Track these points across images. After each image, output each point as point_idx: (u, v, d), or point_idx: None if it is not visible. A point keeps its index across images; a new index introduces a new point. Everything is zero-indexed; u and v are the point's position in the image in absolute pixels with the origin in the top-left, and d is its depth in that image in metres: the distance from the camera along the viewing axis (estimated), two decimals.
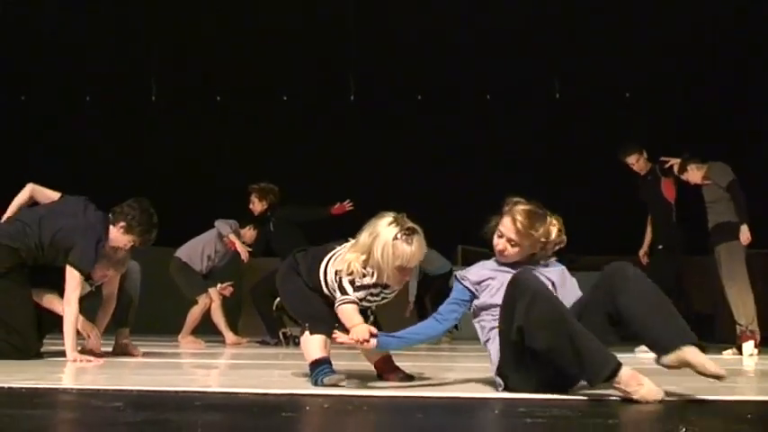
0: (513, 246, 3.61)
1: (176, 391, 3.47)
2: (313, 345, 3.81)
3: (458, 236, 9.52)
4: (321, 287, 3.93)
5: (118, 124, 10.76)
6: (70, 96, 10.70)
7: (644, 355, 7.11)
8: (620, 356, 3.11)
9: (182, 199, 9.50)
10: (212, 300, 8.06)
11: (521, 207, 3.61)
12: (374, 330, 3.59)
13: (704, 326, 7.32)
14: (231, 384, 3.97)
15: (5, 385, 3.50)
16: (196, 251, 8.06)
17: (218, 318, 8.08)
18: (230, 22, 10.46)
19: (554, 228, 3.61)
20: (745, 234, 7.04)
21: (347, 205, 7.93)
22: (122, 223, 5.24)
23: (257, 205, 8.15)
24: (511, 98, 10.26)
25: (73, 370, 4.62)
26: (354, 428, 2.47)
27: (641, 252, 7.68)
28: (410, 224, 3.78)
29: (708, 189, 7.31)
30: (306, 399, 3.19)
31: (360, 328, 3.57)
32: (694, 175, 7.31)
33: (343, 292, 3.81)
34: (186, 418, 2.72)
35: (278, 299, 8.18)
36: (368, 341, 3.52)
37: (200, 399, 3.18)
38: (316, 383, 3.72)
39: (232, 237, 7.98)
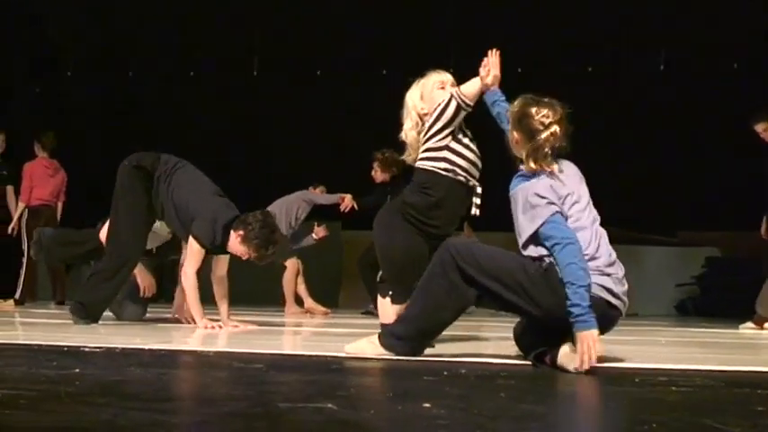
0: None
1: (310, 355, 3.55)
2: (390, 311, 3.97)
3: None
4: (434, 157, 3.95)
5: (222, 99, 10.93)
6: (175, 72, 10.91)
7: (747, 330, 6.99)
8: (723, 331, 3.07)
9: (282, 171, 9.60)
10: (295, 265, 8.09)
11: None
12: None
13: None
14: (360, 351, 4.01)
15: (145, 347, 3.64)
16: (280, 214, 8.13)
17: (289, 285, 8.05)
18: None
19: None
20: None
21: None
22: (241, 232, 5.04)
23: (378, 175, 8.01)
24: (615, 68, 10.06)
25: (199, 335, 4.76)
26: (502, 392, 2.49)
27: (762, 229, 7.35)
28: None
29: None
30: (440, 364, 3.22)
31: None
32: None
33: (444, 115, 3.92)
34: (333, 379, 2.78)
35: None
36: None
37: (336, 363, 3.24)
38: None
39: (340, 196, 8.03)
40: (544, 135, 3.27)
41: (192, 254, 5.09)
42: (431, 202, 3.93)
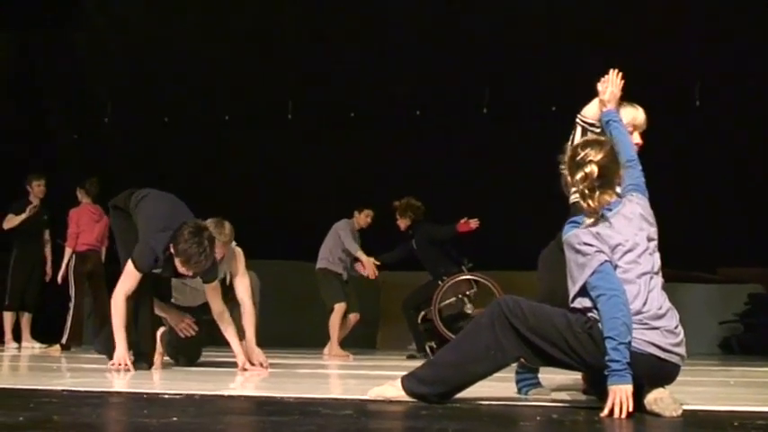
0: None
1: (390, 400, 3.51)
2: None
3: None
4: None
5: (255, 141, 11.00)
6: (211, 116, 11.00)
7: None
8: None
9: (318, 213, 9.60)
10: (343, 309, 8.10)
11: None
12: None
13: None
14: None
15: (224, 393, 3.63)
16: (326, 255, 8.19)
17: (334, 328, 8.04)
18: (364, 38, 10.57)
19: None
20: None
21: (473, 223, 7.86)
22: (172, 247, 4.87)
23: (399, 222, 8.22)
24: (651, 103, 10.02)
25: (265, 379, 4.73)
26: None
27: None
28: None
29: None
30: (529, 409, 3.20)
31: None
32: None
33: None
34: (431, 425, 2.75)
35: (423, 312, 8.30)
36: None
37: (423, 408, 3.21)
38: (519, 392, 3.75)
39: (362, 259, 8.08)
40: (579, 175, 3.25)
41: (126, 274, 5.00)
42: None
